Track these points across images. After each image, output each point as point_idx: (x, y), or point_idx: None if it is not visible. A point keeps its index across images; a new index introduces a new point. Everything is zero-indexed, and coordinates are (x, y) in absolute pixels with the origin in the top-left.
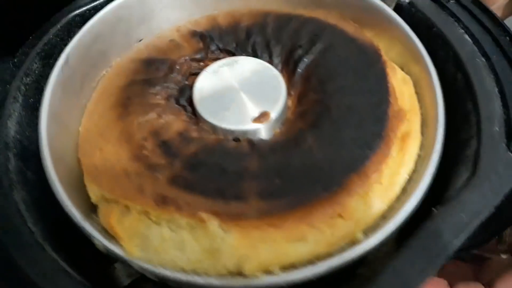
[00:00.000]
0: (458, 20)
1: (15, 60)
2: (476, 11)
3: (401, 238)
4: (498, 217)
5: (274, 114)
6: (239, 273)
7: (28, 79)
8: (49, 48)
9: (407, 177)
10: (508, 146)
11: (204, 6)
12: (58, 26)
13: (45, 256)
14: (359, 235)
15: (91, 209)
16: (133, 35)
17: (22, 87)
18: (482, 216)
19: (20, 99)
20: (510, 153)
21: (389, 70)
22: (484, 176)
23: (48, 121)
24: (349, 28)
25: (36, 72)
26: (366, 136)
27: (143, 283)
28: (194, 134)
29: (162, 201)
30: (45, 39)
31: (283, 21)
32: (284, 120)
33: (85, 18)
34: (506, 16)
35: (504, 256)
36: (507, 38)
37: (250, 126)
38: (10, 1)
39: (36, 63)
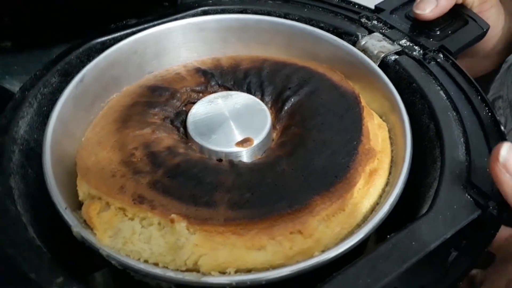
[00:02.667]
0: (435, 78)
1: (37, 73)
2: (453, 72)
3: None
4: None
5: (257, 141)
6: (196, 270)
7: (45, 90)
8: (69, 67)
9: (370, 208)
10: (465, 188)
11: (212, 49)
12: (80, 50)
13: (27, 238)
14: (317, 254)
15: (78, 208)
16: (145, 68)
17: (39, 96)
18: (432, 246)
19: (35, 105)
20: (467, 195)
21: (366, 115)
22: (439, 211)
23: (55, 126)
24: (335, 77)
25: (54, 85)
26: (335, 166)
27: None
28: (181, 150)
29: (139, 201)
30: (67, 59)
31: (278, 67)
32: (267, 149)
33: (105, 46)
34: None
35: None
36: (479, 97)
37: (233, 149)
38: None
39: (55, 78)
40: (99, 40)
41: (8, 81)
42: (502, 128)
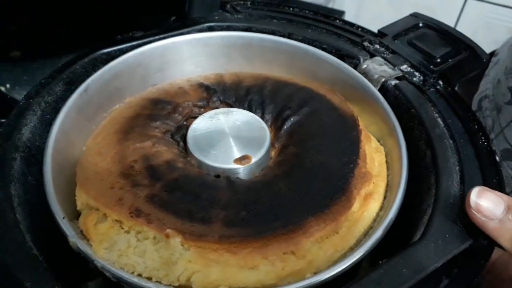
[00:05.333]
0: (434, 105)
1: (42, 81)
2: (452, 100)
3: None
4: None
5: (255, 159)
6: (189, 287)
7: (49, 98)
8: (73, 76)
9: (364, 232)
10: (458, 218)
11: (216, 65)
12: (86, 60)
13: (24, 246)
14: (309, 276)
15: (75, 217)
16: (148, 80)
17: (42, 103)
18: (423, 274)
19: (38, 113)
20: (459, 225)
21: (363, 138)
22: (431, 239)
23: (57, 134)
24: (335, 99)
25: (58, 94)
26: (330, 188)
27: None
28: (180, 164)
29: (136, 214)
30: (72, 68)
31: (280, 86)
32: (265, 167)
33: (110, 57)
34: None
35: None
36: (476, 126)
37: (231, 166)
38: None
39: (59, 86)
40: (105, 51)
41: (18, 92)
42: (497, 158)
